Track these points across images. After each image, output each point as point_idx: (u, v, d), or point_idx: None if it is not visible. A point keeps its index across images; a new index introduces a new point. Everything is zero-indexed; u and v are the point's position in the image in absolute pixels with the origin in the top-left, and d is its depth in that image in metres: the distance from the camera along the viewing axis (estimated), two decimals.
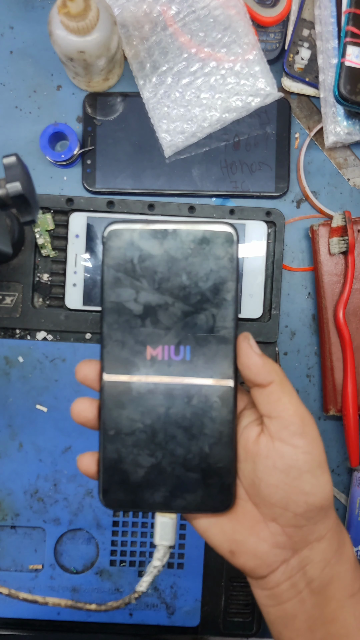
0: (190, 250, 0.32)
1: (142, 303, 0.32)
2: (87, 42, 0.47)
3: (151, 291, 0.32)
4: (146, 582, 0.33)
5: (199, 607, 0.53)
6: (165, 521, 0.33)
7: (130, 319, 0.32)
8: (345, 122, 0.53)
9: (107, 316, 0.32)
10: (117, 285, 0.32)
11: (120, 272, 0.32)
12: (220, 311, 0.32)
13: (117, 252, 0.32)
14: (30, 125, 0.56)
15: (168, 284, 0.32)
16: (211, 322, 0.32)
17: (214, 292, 0.32)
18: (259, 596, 0.34)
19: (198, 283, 0.32)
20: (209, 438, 0.32)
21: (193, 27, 0.53)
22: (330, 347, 0.54)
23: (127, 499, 0.32)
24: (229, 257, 0.32)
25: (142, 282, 0.32)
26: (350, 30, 0.51)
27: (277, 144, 0.56)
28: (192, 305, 0.32)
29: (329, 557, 0.32)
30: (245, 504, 0.33)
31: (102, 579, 0.53)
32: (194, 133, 0.54)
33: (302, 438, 0.31)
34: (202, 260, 0.32)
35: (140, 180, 0.56)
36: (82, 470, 0.33)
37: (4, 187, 0.39)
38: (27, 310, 0.54)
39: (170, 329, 0.32)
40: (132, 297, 0.32)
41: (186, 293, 0.32)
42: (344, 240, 0.54)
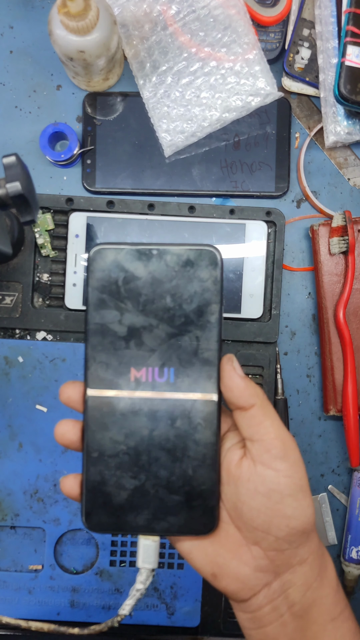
0: (174, 272, 0.32)
1: (127, 325, 0.32)
2: (87, 42, 0.47)
3: (135, 313, 0.32)
4: (129, 605, 0.33)
5: (199, 608, 0.53)
6: (148, 544, 0.33)
7: (114, 341, 0.32)
8: (345, 121, 0.53)
9: (91, 337, 0.32)
10: (101, 307, 0.32)
11: (105, 293, 0.32)
12: (205, 333, 0.32)
13: (101, 274, 0.32)
14: (30, 125, 0.56)
15: (152, 306, 0.32)
16: (195, 344, 0.32)
17: (198, 314, 0.32)
18: (240, 619, 0.34)
19: (182, 305, 0.32)
20: (193, 460, 0.32)
21: (193, 26, 0.53)
22: (331, 347, 0.54)
23: (110, 521, 0.32)
24: (213, 280, 0.32)
25: (127, 303, 0.32)
26: (351, 30, 0.51)
27: (277, 143, 0.56)
28: (177, 327, 0.32)
29: (311, 580, 0.32)
30: (228, 527, 0.33)
31: (102, 580, 0.53)
32: (194, 133, 0.54)
33: (284, 462, 0.31)
34: (186, 282, 0.32)
35: (140, 180, 0.55)
36: (65, 492, 0.33)
37: (4, 187, 0.39)
38: (26, 310, 0.54)
39: (154, 351, 0.32)
40: (116, 319, 0.32)
41: (170, 315, 0.32)
42: (344, 240, 0.54)
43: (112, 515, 0.32)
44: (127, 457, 0.32)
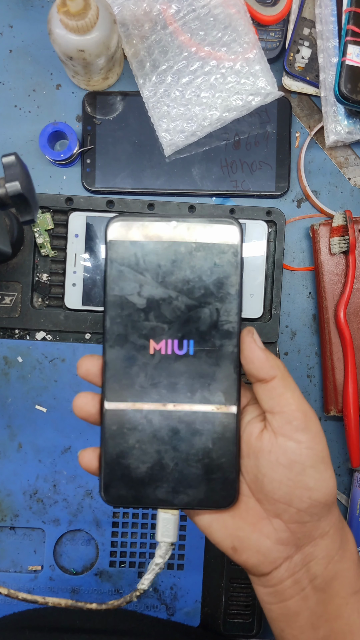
0: (194, 245, 0.32)
1: (146, 297, 0.32)
2: (87, 41, 0.47)
3: (155, 285, 0.32)
4: (148, 579, 0.33)
5: (199, 608, 0.53)
6: (168, 517, 0.33)
7: (133, 313, 0.32)
8: (345, 121, 0.53)
9: (110, 310, 0.32)
10: (120, 279, 0.32)
11: (124, 265, 0.32)
12: (224, 305, 0.32)
13: (120, 246, 0.32)
14: (29, 124, 0.56)
15: (172, 278, 0.32)
16: (215, 317, 0.32)
17: (217, 286, 0.32)
18: (260, 593, 0.33)
19: (202, 277, 0.32)
20: (212, 433, 0.32)
21: (193, 25, 0.53)
22: (331, 347, 0.54)
23: (129, 494, 0.32)
24: (233, 252, 0.32)
25: (146, 275, 0.32)
26: (351, 29, 0.51)
27: (277, 143, 0.56)
28: (196, 300, 0.32)
29: (333, 553, 0.32)
30: (248, 500, 0.32)
31: (101, 580, 0.53)
32: (194, 132, 0.54)
33: (305, 433, 0.31)
34: (206, 255, 0.32)
35: (140, 180, 0.55)
36: (83, 465, 0.33)
37: (3, 187, 0.39)
38: (26, 310, 0.54)
39: (173, 323, 0.32)
40: (135, 291, 0.32)
41: (190, 287, 0.32)
42: (345, 240, 0.53)
43: (130, 488, 0.32)
44: (146, 430, 0.32)
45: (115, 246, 0.32)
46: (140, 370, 0.32)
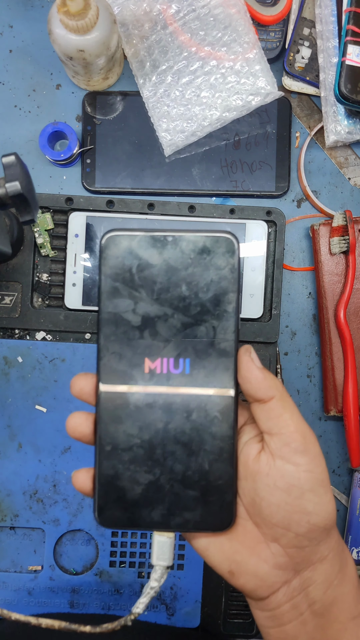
0: (190, 259, 0.31)
1: (141, 314, 0.31)
2: (87, 41, 0.47)
3: (150, 302, 0.31)
4: (143, 603, 0.32)
5: (199, 608, 0.53)
6: (163, 540, 0.32)
7: (128, 331, 0.31)
8: (345, 121, 0.53)
9: (104, 327, 0.31)
10: (114, 296, 0.31)
11: (118, 281, 0.31)
12: (221, 323, 0.31)
13: (114, 261, 0.31)
14: (29, 124, 0.56)
15: (167, 295, 0.31)
16: (211, 334, 0.31)
17: (214, 303, 0.31)
18: (258, 617, 0.33)
19: (198, 294, 0.31)
20: (209, 454, 0.31)
21: (193, 25, 0.53)
22: (331, 347, 0.54)
23: (124, 517, 0.31)
24: (230, 267, 0.31)
25: (141, 292, 0.31)
26: (351, 29, 0.51)
27: (277, 143, 0.55)
28: (192, 317, 0.31)
29: (332, 578, 0.31)
30: (246, 523, 0.32)
31: (101, 580, 0.53)
32: (194, 132, 0.54)
33: (304, 456, 0.30)
34: (202, 270, 0.31)
35: (140, 180, 0.55)
36: (77, 487, 0.32)
37: (3, 187, 0.39)
38: (26, 310, 0.54)
39: (169, 341, 0.31)
40: (130, 308, 0.31)
41: (186, 304, 0.31)
42: (345, 240, 0.53)
43: (125, 510, 0.31)
44: (142, 451, 0.31)
45: (109, 261, 0.31)
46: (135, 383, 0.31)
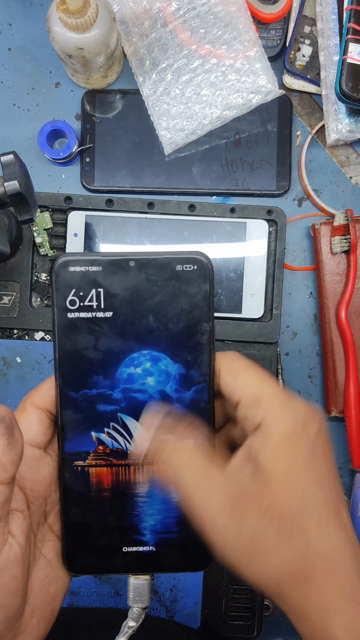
0: (156, 287, 0.28)
1: (103, 350, 0.28)
2: (86, 39, 0.46)
3: (113, 337, 0.28)
4: None
5: (199, 610, 0.53)
6: (139, 583, 0.30)
7: (89, 369, 0.28)
8: (347, 119, 0.52)
9: (62, 368, 0.28)
10: (71, 331, 0.28)
11: (75, 313, 0.28)
12: (194, 356, 0.28)
13: (69, 291, 0.28)
14: (28, 122, 0.56)
15: (132, 328, 0.28)
16: (184, 371, 0.28)
17: (186, 335, 0.28)
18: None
19: (167, 325, 0.28)
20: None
21: (193, 23, 0.53)
22: (332, 348, 0.54)
23: (96, 562, 0.29)
24: (203, 294, 0.28)
25: (102, 325, 0.28)
26: (352, 27, 0.50)
27: (278, 141, 0.55)
28: (162, 352, 0.28)
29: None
30: None
31: (100, 582, 0.53)
32: (194, 130, 0.53)
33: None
34: (170, 298, 0.28)
35: (139, 179, 0.55)
36: None
37: (2, 186, 0.39)
38: (24, 310, 0.53)
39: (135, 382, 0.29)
40: (90, 344, 0.28)
41: (154, 337, 0.28)
42: (346, 239, 0.53)
43: (97, 555, 0.29)
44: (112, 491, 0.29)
45: (63, 291, 0.28)
46: (102, 427, 0.29)
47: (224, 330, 0.54)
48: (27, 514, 0.27)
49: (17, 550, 0.26)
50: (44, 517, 0.29)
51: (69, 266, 0.28)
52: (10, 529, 0.26)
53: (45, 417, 0.29)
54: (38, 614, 0.28)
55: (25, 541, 0.26)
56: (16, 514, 0.27)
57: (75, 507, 0.29)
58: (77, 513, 0.29)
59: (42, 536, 0.29)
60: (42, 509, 0.29)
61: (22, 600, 0.26)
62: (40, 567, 0.29)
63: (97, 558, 0.29)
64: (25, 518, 0.27)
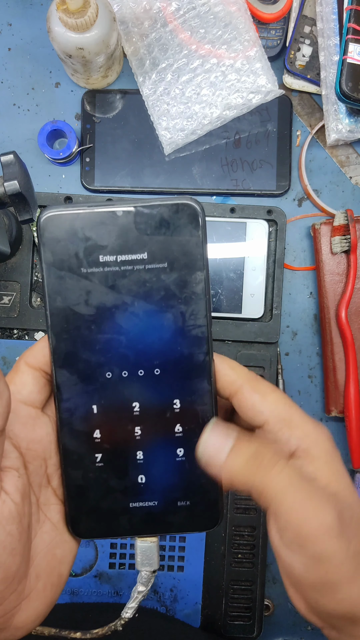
0: (146, 236, 0.27)
1: (95, 305, 0.27)
2: (86, 39, 0.46)
3: (104, 290, 0.27)
4: (132, 608, 0.30)
5: (199, 610, 0.53)
6: (146, 546, 0.30)
7: (81, 326, 0.27)
8: (347, 119, 0.52)
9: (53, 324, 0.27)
10: (61, 287, 0.27)
11: (64, 269, 0.27)
12: (190, 307, 0.27)
13: (57, 246, 0.27)
14: (28, 122, 0.56)
15: (123, 280, 0.27)
16: (180, 322, 0.28)
17: (179, 285, 0.27)
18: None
19: (160, 276, 0.27)
20: (191, 452, 0.28)
21: (193, 23, 0.52)
22: (333, 348, 0.54)
23: (100, 526, 0.28)
24: (196, 241, 0.27)
25: (92, 279, 0.27)
26: (352, 27, 0.50)
27: (278, 141, 0.55)
28: (155, 304, 0.27)
29: None
30: None
31: (101, 582, 0.53)
32: (194, 130, 0.53)
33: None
34: (162, 247, 0.27)
35: (139, 178, 0.55)
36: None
37: (2, 186, 0.39)
38: (25, 310, 0.53)
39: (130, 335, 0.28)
40: (81, 300, 0.27)
41: (147, 289, 0.27)
42: (346, 239, 0.53)
43: (101, 518, 0.28)
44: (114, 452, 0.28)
45: (50, 246, 0.27)
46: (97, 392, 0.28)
47: (224, 330, 0.54)
48: (24, 472, 0.27)
49: (11, 507, 0.25)
50: (47, 479, 0.29)
51: (55, 220, 0.27)
52: (2, 485, 0.25)
53: (40, 376, 0.28)
54: (44, 578, 0.27)
55: (22, 500, 0.26)
56: (10, 471, 0.26)
57: (75, 470, 0.28)
58: (78, 475, 0.28)
59: (46, 499, 0.29)
60: (43, 471, 0.29)
61: (22, 561, 0.26)
62: (46, 530, 0.28)
63: (102, 521, 0.29)
64: (20, 476, 0.26)
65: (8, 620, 0.26)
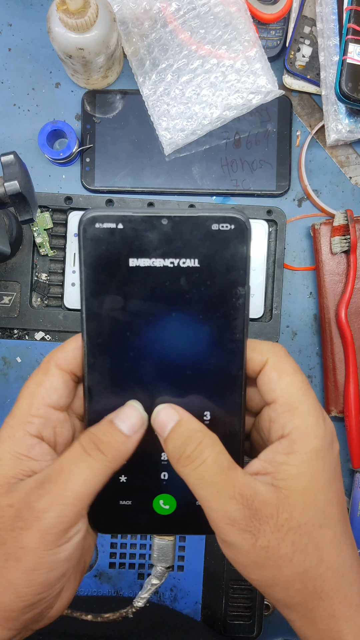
0: (191, 246, 0.26)
1: (132, 312, 0.27)
2: (86, 39, 0.46)
3: (143, 298, 0.27)
4: (144, 598, 0.31)
5: (199, 610, 0.53)
6: (164, 544, 0.30)
7: (117, 332, 0.27)
8: (347, 119, 0.53)
9: (89, 329, 0.27)
10: (100, 291, 0.27)
11: (104, 273, 0.26)
12: (228, 322, 0.27)
13: (98, 249, 0.26)
14: (28, 123, 0.56)
15: (163, 290, 0.27)
16: (217, 336, 0.27)
17: (220, 298, 0.27)
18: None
19: (201, 288, 0.26)
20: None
21: (193, 24, 0.53)
22: (332, 348, 0.54)
23: (120, 522, 0.29)
24: (240, 256, 0.26)
25: (132, 286, 0.27)
26: (352, 28, 0.50)
27: (278, 141, 0.55)
28: (194, 315, 0.27)
29: None
30: None
31: (101, 582, 0.53)
32: (194, 131, 0.53)
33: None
34: (206, 259, 0.26)
35: (139, 179, 0.55)
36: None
37: (2, 186, 0.39)
38: (25, 310, 0.53)
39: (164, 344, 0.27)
40: (119, 306, 0.27)
41: (186, 300, 0.27)
42: (346, 239, 0.53)
43: (122, 514, 0.29)
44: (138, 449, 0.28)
45: (91, 249, 0.26)
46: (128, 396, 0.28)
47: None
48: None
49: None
50: None
51: (97, 222, 0.26)
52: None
53: (70, 379, 0.28)
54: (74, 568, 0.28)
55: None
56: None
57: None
58: None
59: None
60: None
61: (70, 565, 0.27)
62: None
63: (121, 519, 0.29)
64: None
65: (46, 612, 0.27)
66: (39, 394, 0.28)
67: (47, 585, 0.25)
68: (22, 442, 0.27)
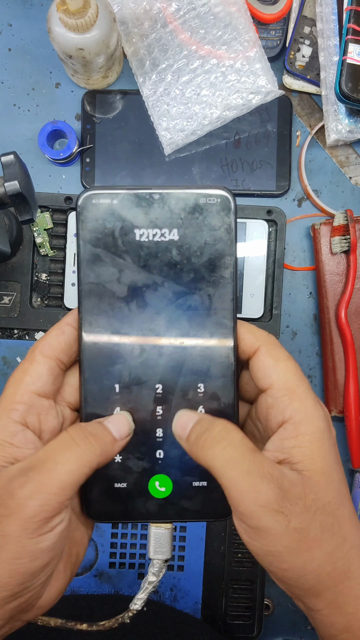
0: (180, 220, 0.28)
1: (127, 284, 0.28)
2: (86, 40, 0.46)
3: (136, 269, 0.28)
4: (141, 599, 0.30)
5: (199, 610, 0.53)
6: (161, 532, 0.30)
7: (113, 303, 0.28)
8: (346, 119, 0.53)
9: (85, 300, 0.28)
10: (96, 263, 0.28)
11: (100, 247, 0.28)
12: (218, 291, 0.28)
13: (94, 224, 0.28)
14: (28, 123, 0.56)
15: (156, 261, 0.28)
16: (207, 303, 0.28)
17: (209, 269, 0.28)
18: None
19: (190, 258, 0.28)
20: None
21: (193, 24, 0.53)
22: (332, 348, 0.54)
23: (116, 509, 0.29)
24: (226, 228, 0.28)
25: (126, 258, 0.28)
26: (352, 28, 0.50)
27: (278, 142, 0.55)
28: (185, 285, 0.28)
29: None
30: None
31: (101, 582, 0.53)
32: (194, 131, 0.53)
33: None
34: (194, 231, 0.28)
35: (139, 179, 0.55)
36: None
37: (2, 186, 0.39)
38: (25, 310, 0.54)
39: (159, 314, 0.28)
40: (114, 277, 0.28)
41: (177, 271, 0.28)
42: (346, 239, 0.53)
43: (117, 501, 0.29)
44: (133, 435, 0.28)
45: (88, 224, 0.28)
46: (124, 367, 0.29)
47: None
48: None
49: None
50: None
51: (93, 199, 0.28)
52: None
53: (55, 366, 0.29)
54: (64, 559, 0.28)
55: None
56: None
57: None
58: None
59: None
60: None
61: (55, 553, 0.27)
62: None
63: (117, 505, 0.29)
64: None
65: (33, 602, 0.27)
66: (24, 381, 0.28)
67: (30, 575, 0.25)
68: (6, 428, 0.27)
